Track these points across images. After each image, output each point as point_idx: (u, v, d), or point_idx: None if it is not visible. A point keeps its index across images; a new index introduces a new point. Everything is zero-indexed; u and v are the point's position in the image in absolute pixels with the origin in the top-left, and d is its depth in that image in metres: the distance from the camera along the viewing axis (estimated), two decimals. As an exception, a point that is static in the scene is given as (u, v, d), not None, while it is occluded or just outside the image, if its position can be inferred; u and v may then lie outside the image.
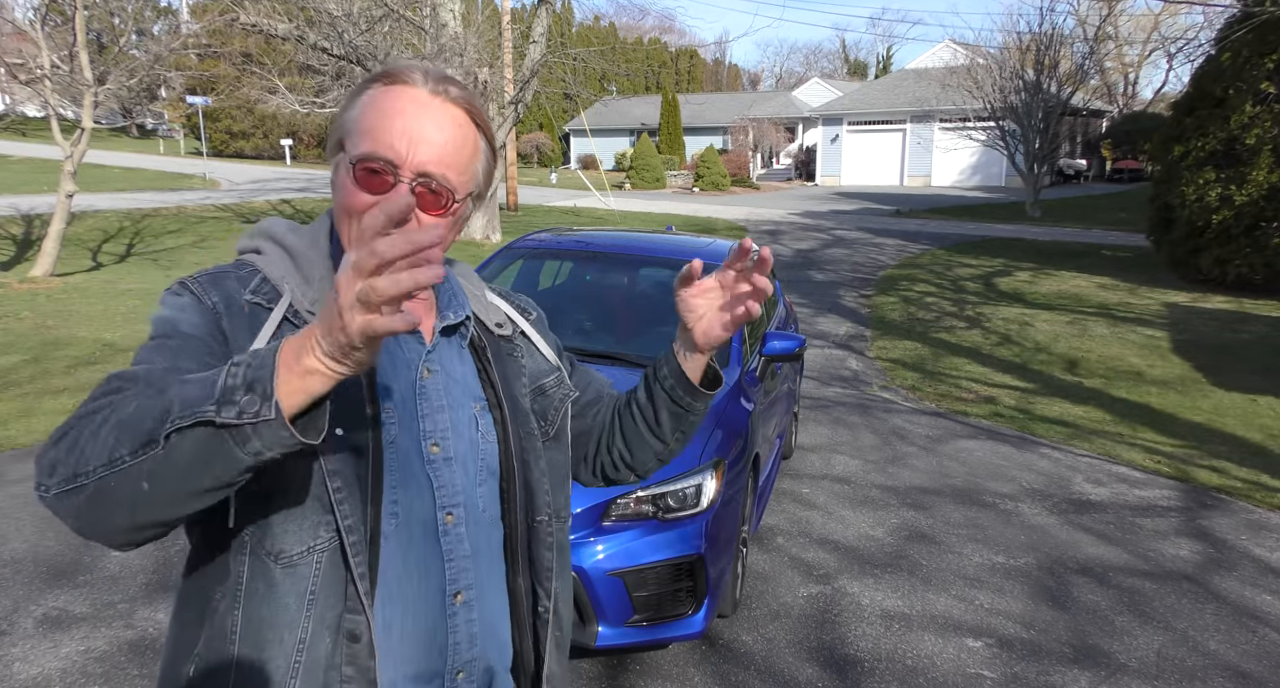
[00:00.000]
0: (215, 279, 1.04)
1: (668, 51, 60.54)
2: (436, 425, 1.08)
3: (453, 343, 1.15)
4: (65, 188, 10.95)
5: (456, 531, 1.08)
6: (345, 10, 12.97)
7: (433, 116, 1.01)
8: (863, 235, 19.78)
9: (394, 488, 1.03)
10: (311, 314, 1.01)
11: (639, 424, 1.29)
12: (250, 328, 1.00)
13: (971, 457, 5.84)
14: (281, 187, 25.81)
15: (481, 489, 1.12)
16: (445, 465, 1.08)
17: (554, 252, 5.03)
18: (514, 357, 1.22)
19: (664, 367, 1.25)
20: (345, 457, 0.99)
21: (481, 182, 1.10)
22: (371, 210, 0.75)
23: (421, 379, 1.09)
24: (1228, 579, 4.19)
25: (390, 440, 1.03)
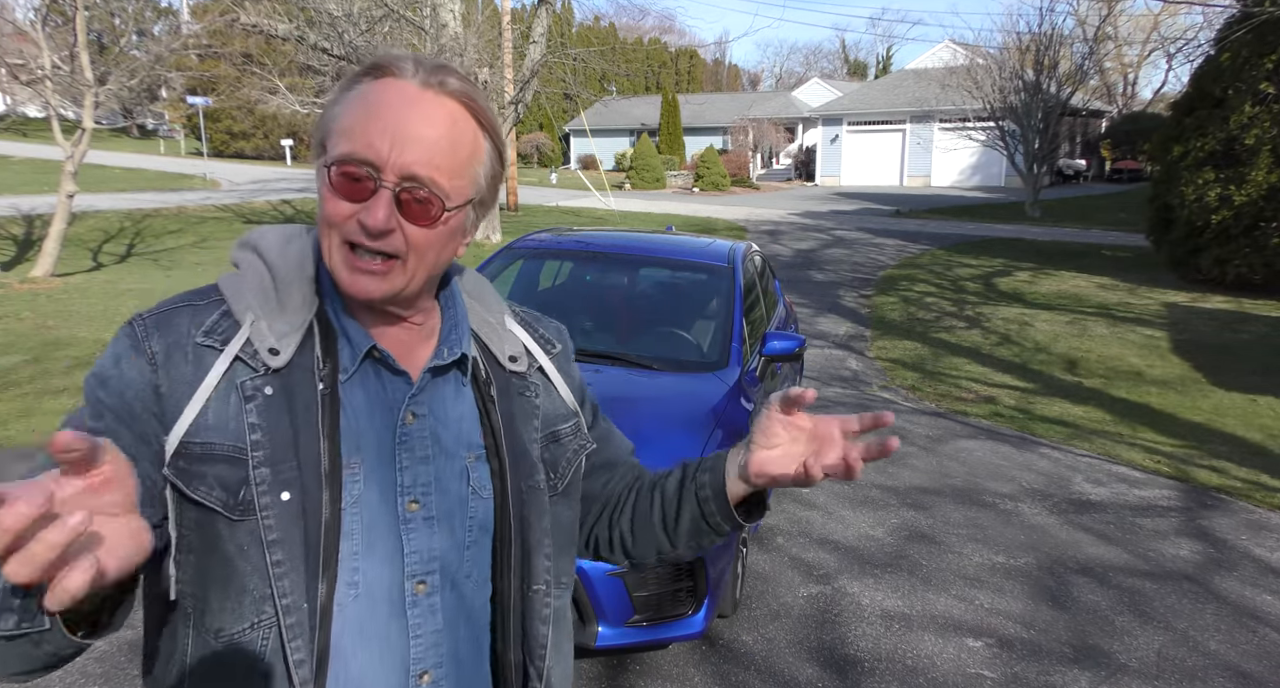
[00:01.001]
0: (165, 319, 0.92)
1: (668, 52, 60.54)
2: (418, 479, 0.95)
3: (449, 380, 1.00)
4: (66, 188, 10.95)
5: (429, 601, 0.94)
6: (345, 10, 12.98)
7: (422, 111, 0.88)
8: (862, 235, 19.78)
9: (355, 555, 0.90)
10: (275, 352, 0.89)
11: (654, 515, 1.13)
12: (195, 376, 0.88)
13: (971, 457, 5.84)
14: (282, 187, 25.81)
15: (470, 551, 0.98)
16: (424, 526, 0.94)
17: (554, 252, 5.03)
18: (526, 396, 1.06)
19: (706, 473, 1.08)
20: (292, 524, 0.87)
21: (485, 187, 0.95)
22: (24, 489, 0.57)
23: (404, 425, 0.94)
24: (1228, 579, 4.19)
25: (353, 501, 0.90)
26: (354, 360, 0.93)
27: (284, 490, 0.87)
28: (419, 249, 0.89)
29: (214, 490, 0.86)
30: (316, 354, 0.92)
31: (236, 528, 0.86)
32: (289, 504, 0.87)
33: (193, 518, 0.87)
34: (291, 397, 0.89)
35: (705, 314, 4.43)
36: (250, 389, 0.89)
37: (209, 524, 0.86)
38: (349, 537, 0.90)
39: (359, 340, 0.94)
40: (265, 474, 0.86)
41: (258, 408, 0.88)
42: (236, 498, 0.86)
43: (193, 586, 0.88)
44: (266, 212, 20.03)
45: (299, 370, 0.90)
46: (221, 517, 0.86)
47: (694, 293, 4.67)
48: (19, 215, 16.25)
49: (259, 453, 0.87)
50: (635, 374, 3.82)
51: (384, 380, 0.95)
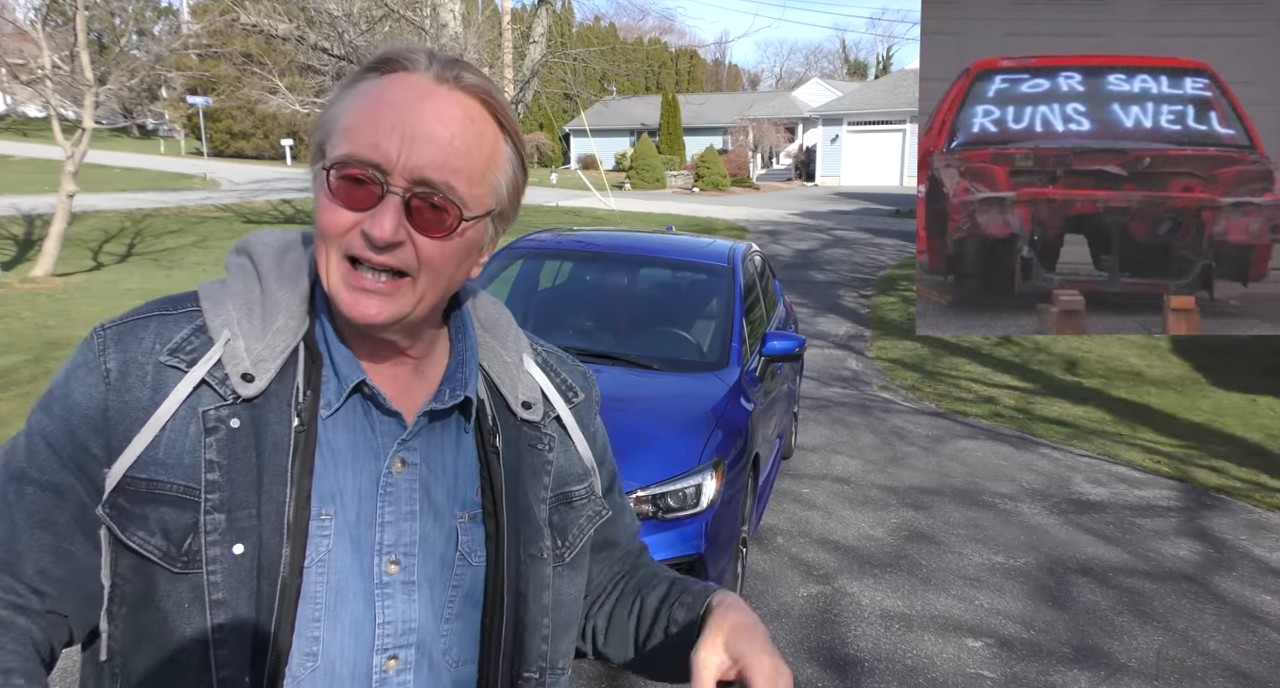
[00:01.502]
0: (128, 331, 0.80)
1: (668, 52, 60.55)
2: (400, 537, 0.82)
3: (449, 426, 0.87)
4: (66, 188, 10.96)
5: (399, 679, 0.82)
6: (345, 10, 12.98)
7: (437, 107, 0.76)
8: (862, 235, 19.78)
9: (314, 621, 0.78)
10: (248, 378, 0.77)
11: (630, 626, 1.01)
12: (150, 401, 0.77)
13: (971, 457, 5.84)
14: (282, 187, 25.82)
15: (451, 626, 0.85)
16: (403, 592, 0.82)
17: (554, 252, 5.03)
18: (537, 449, 0.92)
19: (683, 609, 0.95)
20: (241, 583, 0.75)
21: (506, 198, 0.83)
22: None
23: (390, 473, 0.82)
24: (1227, 579, 4.19)
25: (320, 558, 0.78)
26: (339, 395, 0.81)
27: (238, 542, 0.75)
28: (431, 265, 0.77)
29: (153, 537, 0.75)
30: (297, 384, 0.80)
31: (177, 582, 0.75)
32: (241, 559, 0.75)
33: (129, 566, 0.76)
34: (260, 432, 0.77)
35: (705, 314, 4.43)
36: (213, 420, 0.77)
37: (146, 575, 0.76)
38: (310, 600, 0.78)
39: (347, 372, 0.81)
40: (218, 521, 0.75)
41: (219, 442, 0.76)
42: (180, 548, 0.75)
43: (123, 644, 0.77)
44: (266, 211, 20.04)
45: (274, 400, 0.79)
46: (160, 569, 0.75)
47: (694, 293, 4.67)
48: (19, 215, 16.26)
49: (214, 496, 0.75)
50: (635, 374, 3.82)
51: (372, 420, 0.83)
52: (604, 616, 1.04)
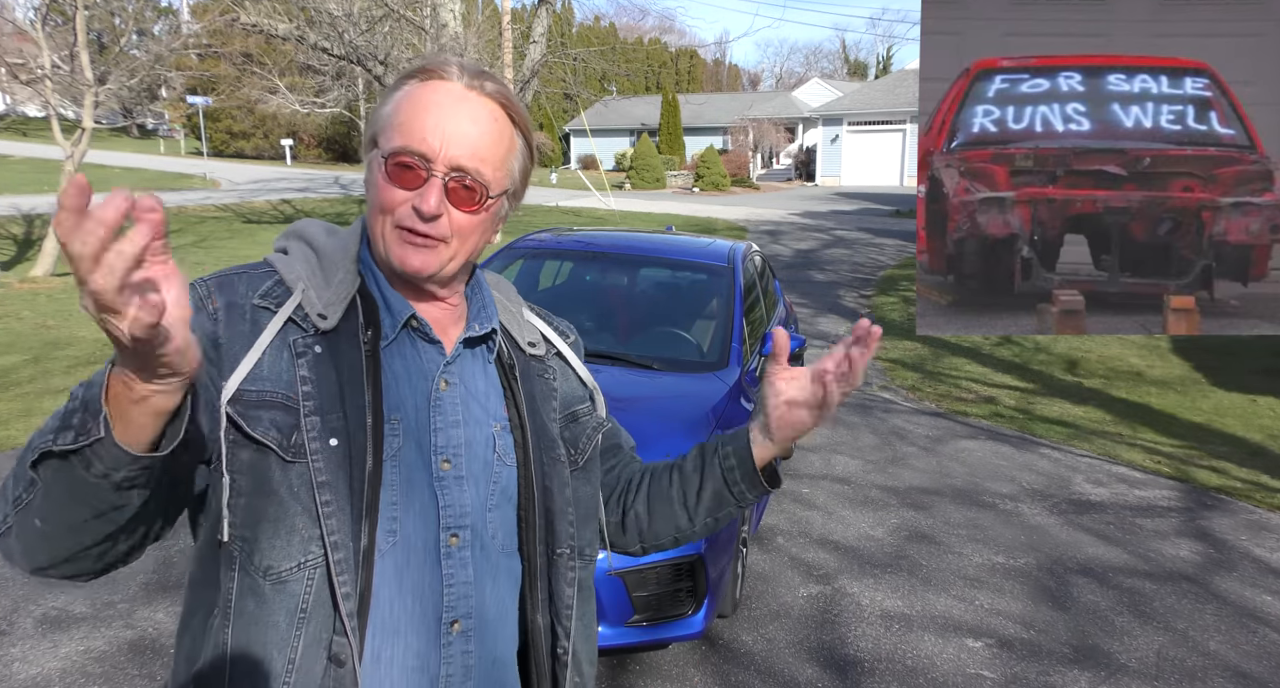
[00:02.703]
0: (225, 281, 1.01)
1: (668, 52, 60.55)
2: (450, 441, 1.03)
3: (477, 357, 1.10)
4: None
5: (460, 554, 1.02)
6: (345, 10, 12.98)
7: (468, 110, 0.98)
8: (863, 235, 19.78)
9: (393, 505, 0.98)
10: (323, 317, 0.98)
11: (673, 492, 1.19)
12: (251, 332, 0.96)
13: (971, 457, 5.84)
14: (282, 187, 25.82)
15: (494, 514, 1.05)
16: (455, 484, 1.02)
17: (554, 251, 5.03)
18: (545, 378, 1.15)
19: (729, 443, 1.16)
20: (339, 469, 0.94)
21: (518, 180, 1.06)
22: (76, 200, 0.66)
23: (438, 391, 1.04)
24: (1228, 580, 4.19)
25: (393, 454, 0.98)
26: (394, 328, 1.02)
27: (332, 437, 0.94)
28: (463, 233, 1.00)
29: (270, 431, 0.93)
30: (360, 322, 1.00)
31: (289, 470, 0.93)
32: (336, 450, 0.94)
33: (245, 460, 0.93)
34: (338, 356, 0.97)
35: (705, 314, 4.43)
36: (301, 346, 0.97)
37: (262, 467, 0.93)
38: (389, 487, 0.97)
39: (400, 309, 1.03)
40: (315, 422, 0.93)
41: (308, 363, 0.96)
42: (289, 441, 0.93)
43: (243, 528, 0.93)
44: (266, 211, 20.03)
45: (345, 334, 0.99)
46: (275, 458, 0.93)
47: (694, 293, 4.67)
48: (19, 215, 16.26)
49: (309, 402, 0.94)
50: (635, 374, 3.82)
51: (419, 349, 1.05)
52: (642, 501, 1.22)
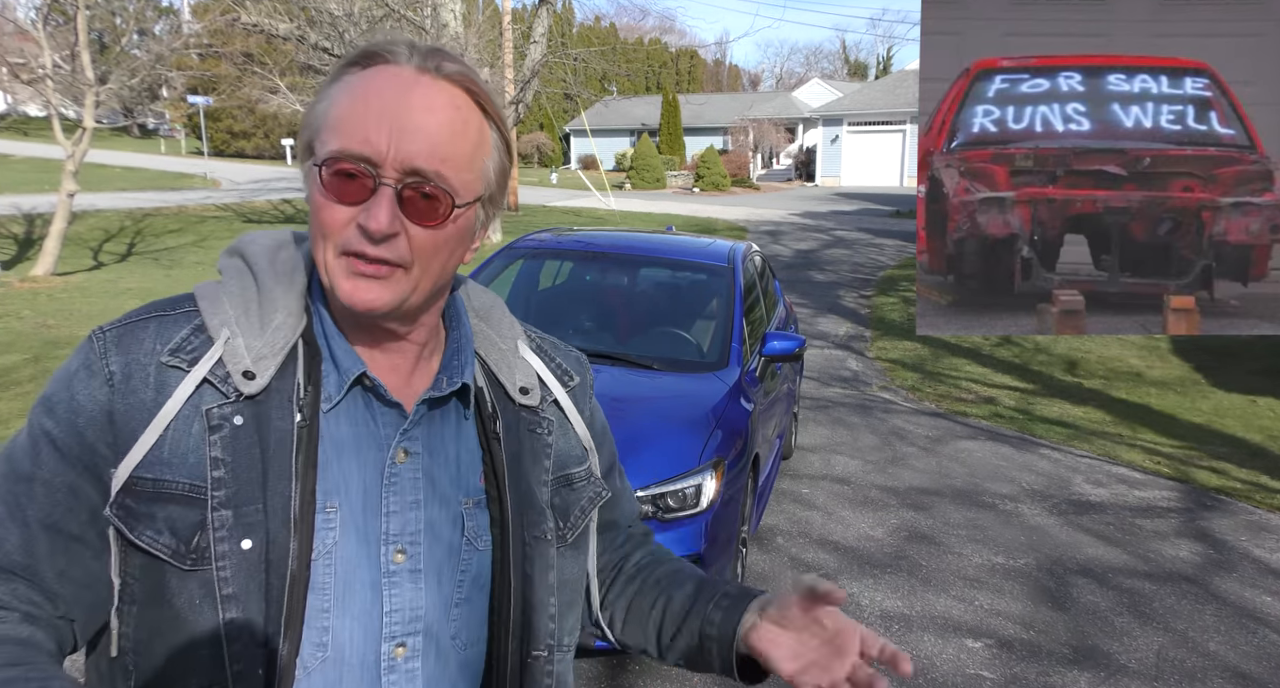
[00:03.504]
0: (128, 333, 0.81)
1: (668, 52, 60.57)
2: (405, 526, 0.83)
3: (449, 414, 0.89)
4: (66, 187, 10.96)
5: (408, 667, 0.83)
6: (346, 10, 12.99)
7: (421, 97, 0.77)
8: (863, 236, 19.78)
9: (324, 612, 0.79)
10: (249, 376, 0.78)
11: (650, 620, 1.03)
12: (154, 401, 0.78)
13: (971, 457, 5.84)
14: (283, 186, 25.82)
15: (460, 610, 0.87)
16: (409, 580, 0.83)
17: (554, 252, 5.03)
18: (536, 433, 0.94)
19: (720, 611, 0.96)
20: (251, 578, 0.76)
21: (494, 182, 0.84)
22: None
23: (394, 464, 0.83)
24: (1228, 580, 4.19)
25: (327, 550, 0.79)
26: (340, 388, 0.82)
27: (245, 537, 0.76)
28: (425, 254, 0.79)
29: (162, 535, 0.76)
30: (298, 379, 0.81)
31: (187, 579, 0.76)
32: (249, 554, 0.76)
33: (138, 565, 0.77)
34: (264, 428, 0.78)
35: (705, 314, 4.43)
36: (217, 418, 0.78)
37: (156, 573, 0.76)
38: (319, 591, 0.79)
39: (347, 365, 0.83)
40: (226, 518, 0.76)
41: (223, 440, 0.77)
42: (189, 545, 0.76)
43: (135, 642, 0.78)
44: (267, 211, 20.04)
45: (276, 396, 0.79)
46: (170, 566, 0.76)
47: (694, 293, 4.67)
48: (20, 214, 16.27)
49: (220, 493, 0.76)
50: (635, 374, 3.82)
51: (374, 412, 0.84)
52: (622, 605, 1.06)
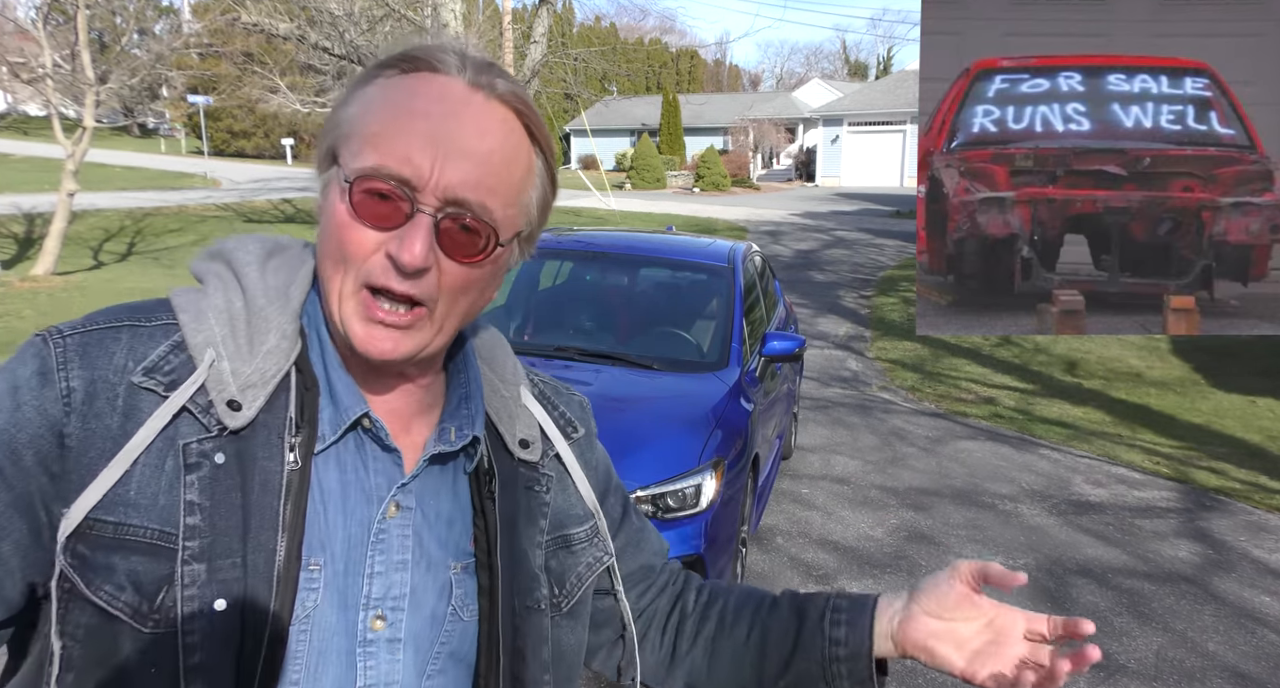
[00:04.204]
0: (95, 342, 0.68)
1: (668, 52, 60.57)
2: (389, 590, 0.73)
3: (447, 468, 0.79)
4: (67, 186, 10.96)
5: None
6: (346, 10, 12.99)
7: (474, 118, 0.68)
8: (863, 236, 19.78)
9: (293, 685, 0.69)
10: (235, 406, 0.67)
11: (747, 654, 0.92)
12: (120, 429, 0.65)
13: (971, 458, 5.84)
14: (283, 186, 25.82)
15: (432, 682, 0.76)
16: (387, 650, 0.73)
17: (554, 251, 5.03)
18: (534, 491, 0.83)
19: (843, 627, 0.88)
20: (224, 645, 0.65)
21: (535, 218, 0.76)
22: None
23: (384, 518, 0.73)
24: (1227, 581, 4.19)
25: (306, 614, 0.69)
26: (336, 429, 0.72)
27: (220, 597, 0.65)
28: (452, 293, 0.70)
29: (123, 592, 0.64)
30: (290, 414, 0.69)
31: (147, 644, 0.64)
32: (223, 616, 0.64)
33: (84, 625, 0.64)
34: (248, 469, 0.67)
35: (705, 314, 4.43)
36: (195, 454, 0.66)
37: (106, 637, 0.64)
38: (292, 660, 0.68)
39: (348, 403, 0.72)
40: (198, 573, 0.64)
41: (201, 481, 0.66)
42: (153, 604, 0.64)
43: None
44: (267, 210, 20.05)
45: (262, 432, 0.68)
46: (128, 628, 0.64)
47: (694, 293, 4.67)
48: (20, 214, 16.27)
49: (194, 543, 0.64)
50: (635, 374, 3.82)
51: (367, 458, 0.74)
52: (701, 651, 0.95)
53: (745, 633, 0.93)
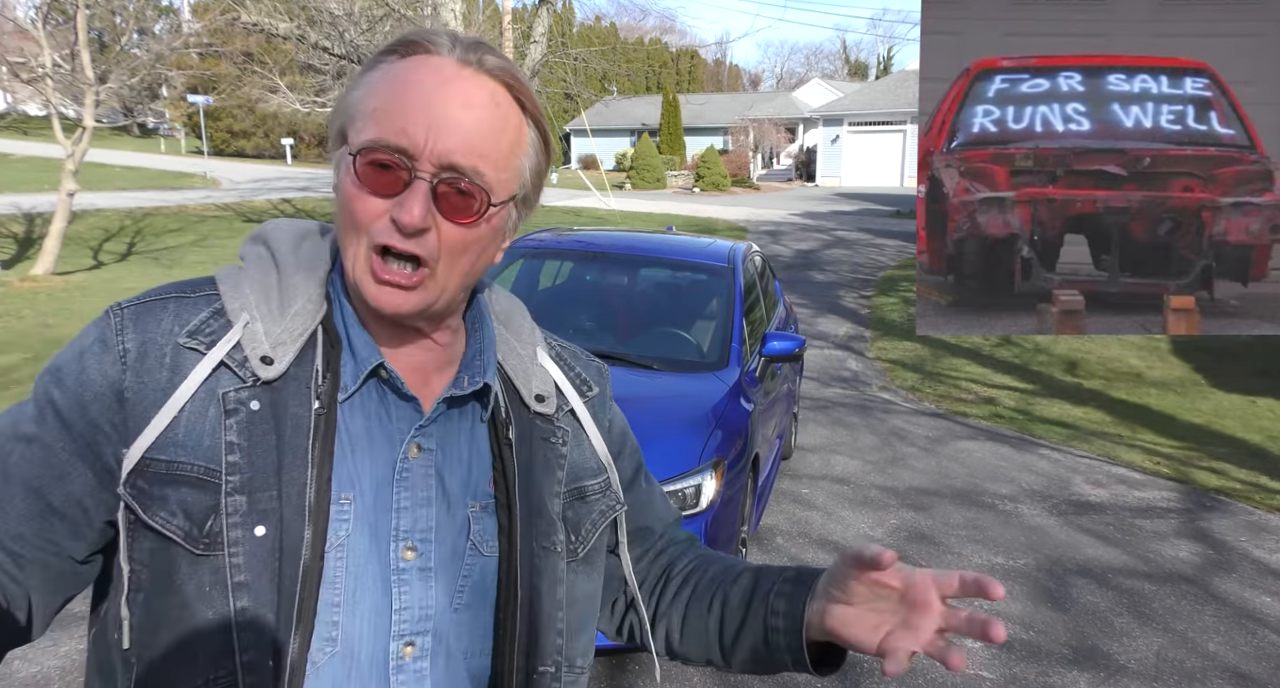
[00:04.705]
0: (146, 311, 0.80)
1: (668, 52, 60.57)
2: (416, 523, 0.82)
3: (465, 415, 0.87)
4: (66, 186, 10.96)
5: (417, 667, 0.81)
6: (346, 10, 12.99)
7: (462, 91, 0.75)
8: (863, 236, 19.78)
9: (334, 606, 0.77)
10: (268, 361, 0.77)
11: (710, 623, 0.99)
12: (168, 382, 0.76)
13: (971, 458, 5.84)
14: (283, 186, 25.83)
15: (462, 616, 0.84)
16: (419, 578, 0.81)
17: (554, 251, 5.03)
18: (550, 442, 0.91)
19: (783, 598, 0.92)
20: (264, 565, 0.74)
21: (529, 182, 0.83)
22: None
23: (406, 459, 0.82)
24: (1227, 581, 4.19)
25: (339, 543, 0.78)
26: (356, 378, 0.81)
27: (259, 524, 0.74)
28: (453, 252, 0.78)
29: (175, 518, 0.74)
30: (316, 367, 0.80)
31: (199, 565, 0.74)
32: (263, 541, 0.74)
33: (147, 549, 0.75)
34: (280, 414, 0.77)
35: (705, 314, 4.43)
36: (233, 402, 0.76)
37: (166, 559, 0.74)
38: (330, 584, 0.77)
39: (365, 355, 0.81)
40: (239, 503, 0.74)
41: (239, 424, 0.76)
42: (202, 529, 0.74)
43: (140, 631, 0.75)
44: (267, 210, 20.04)
45: (292, 383, 0.78)
46: (182, 550, 0.74)
47: (694, 293, 4.67)
48: (19, 214, 16.27)
49: (235, 478, 0.74)
50: (635, 374, 3.82)
51: (389, 405, 0.83)
52: (678, 614, 1.02)
53: (708, 602, 0.99)
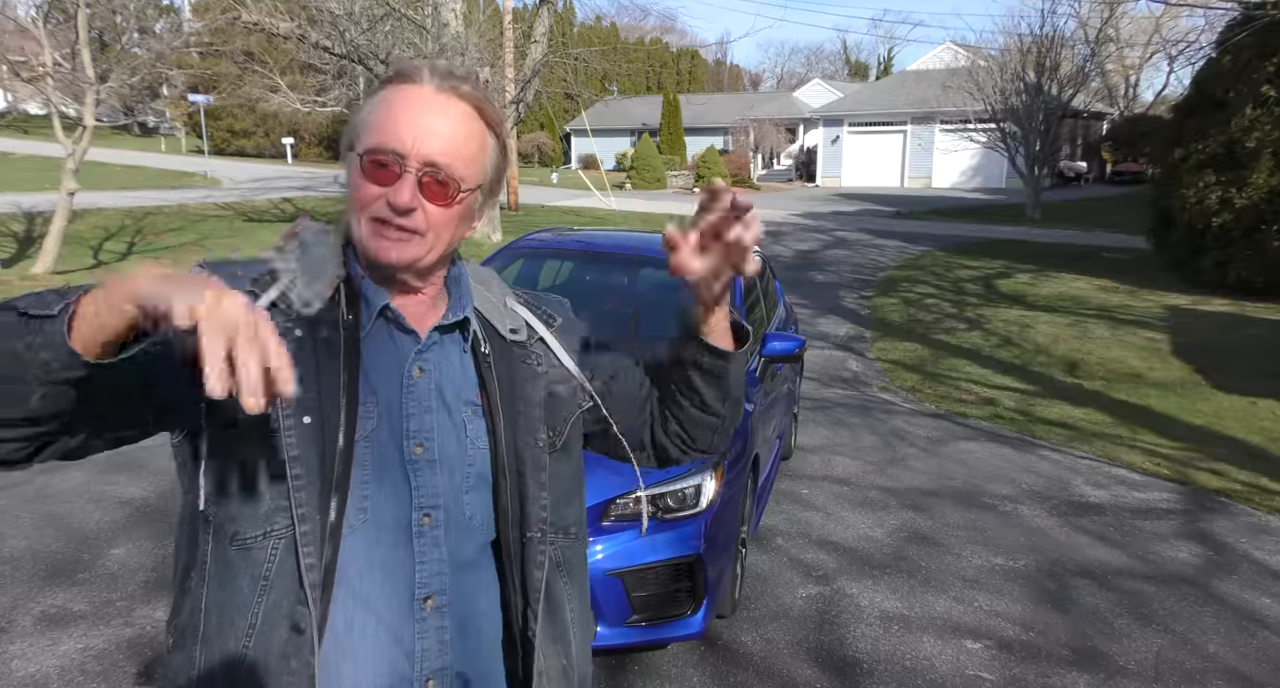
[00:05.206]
0: (221, 266, 1.05)
1: (669, 52, 60.57)
2: (422, 426, 1.08)
3: (453, 344, 1.14)
4: (67, 185, 10.95)
5: (433, 533, 1.07)
6: (347, 9, 12.98)
7: (440, 109, 1.04)
8: (863, 236, 19.78)
9: (365, 483, 1.03)
10: (307, 303, 1.03)
11: (680, 399, 1.25)
12: None
13: (971, 458, 5.83)
14: (283, 185, 25.82)
15: (469, 496, 1.11)
16: (428, 467, 1.08)
17: (554, 251, 5.03)
18: (528, 363, 1.19)
19: (676, 327, 1.23)
20: (310, 445, 1.00)
21: (491, 175, 1.11)
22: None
23: (411, 378, 1.09)
24: (1227, 582, 4.18)
25: (366, 435, 1.04)
26: (370, 318, 1.08)
27: (306, 414, 0.99)
28: (437, 226, 1.05)
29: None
30: (341, 308, 1.06)
31: (264, 439, 0.98)
32: (309, 427, 0.99)
33: (221, 424, 0.98)
34: (317, 338, 1.03)
35: (706, 314, 4.42)
36: (281, 329, 0.94)
37: (236, 433, 0.97)
38: (361, 466, 1.03)
39: (375, 300, 1.08)
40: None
41: (286, 343, 0.92)
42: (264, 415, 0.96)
43: (216, 495, 1.00)
44: (268, 210, 20.03)
45: (326, 319, 1.04)
46: (249, 427, 0.96)
47: (694, 293, 4.65)
48: (20, 212, 16.26)
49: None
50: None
51: (394, 338, 1.10)
52: (674, 424, 1.28)
53: (674, 401, 1.27)
